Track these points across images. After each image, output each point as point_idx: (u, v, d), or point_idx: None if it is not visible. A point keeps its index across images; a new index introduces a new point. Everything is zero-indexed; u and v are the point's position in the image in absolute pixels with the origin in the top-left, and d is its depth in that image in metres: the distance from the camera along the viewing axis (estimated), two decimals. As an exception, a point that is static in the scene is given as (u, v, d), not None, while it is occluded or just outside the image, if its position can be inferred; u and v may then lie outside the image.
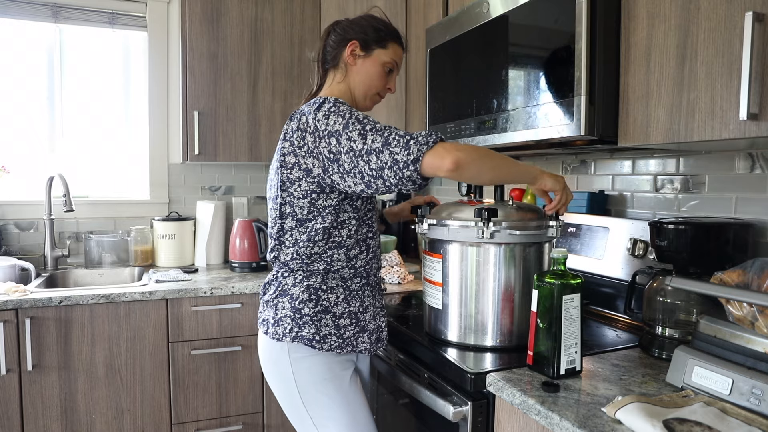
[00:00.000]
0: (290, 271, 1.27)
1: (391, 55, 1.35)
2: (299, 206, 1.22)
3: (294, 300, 1.24)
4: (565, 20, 1.19)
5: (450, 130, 1.65)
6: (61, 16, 2.41)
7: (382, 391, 1.58)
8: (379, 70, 1.34)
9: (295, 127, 1.21)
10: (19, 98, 2.41)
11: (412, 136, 1.10)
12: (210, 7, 2.25)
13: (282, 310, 1.25)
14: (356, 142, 1.11)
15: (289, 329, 1.22)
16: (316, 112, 1.18)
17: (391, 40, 1.35)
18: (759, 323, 0.95)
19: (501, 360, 1.21)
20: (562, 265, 1.10)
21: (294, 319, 1.22)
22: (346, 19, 1.38)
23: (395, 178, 1.09)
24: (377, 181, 1.11)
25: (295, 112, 1.25)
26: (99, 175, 2.56)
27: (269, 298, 1.29)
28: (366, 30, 1.33)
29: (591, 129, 1.18)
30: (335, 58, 1.35)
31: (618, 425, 0.88)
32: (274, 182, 1.26)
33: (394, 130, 1.12)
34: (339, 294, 1.26)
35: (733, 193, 1.34)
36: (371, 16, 1.37)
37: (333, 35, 1.35)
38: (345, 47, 1.32)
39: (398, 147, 1.09)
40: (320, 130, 1.15)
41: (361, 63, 1.33)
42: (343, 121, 1.14)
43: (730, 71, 0.96)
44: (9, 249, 2.35)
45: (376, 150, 1.09)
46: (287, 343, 1.23)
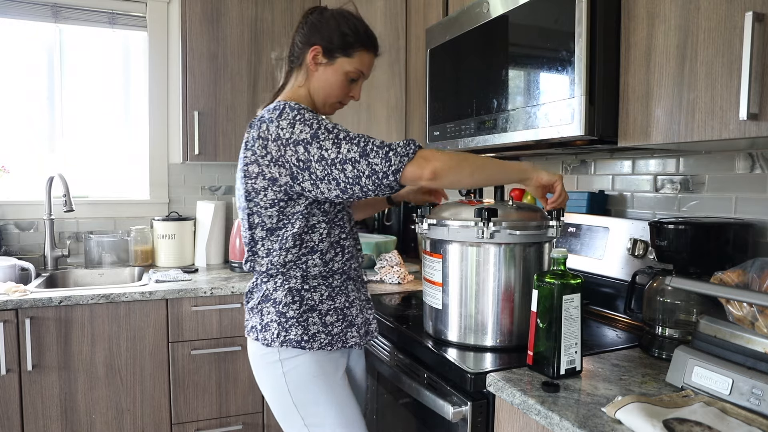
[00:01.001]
0: (270, 277, 1.25)
1: (355, 65, 1.29)
2: (267, 215, 1.20)
3: (278, 304, 1.23)
4: (565, 20, 1.19)
5: (450, 130, 1.65)
6: (61, 16, 2.41)
7: (382, 391, 1.58)
8: (341, 80, 1.29)
9: (256, 135, 1.17)
10: (19, 98, 2.41)
11: (391, 146, 1.10)
12: (210, 7, 2.25)
13: (267, 315, 1.23)
14: (329, 151, 1.10)
15: (277, 334, 1.21)
16: (278, 119, 1.15)
17: (359, 48, 1.28)
18: (759, 323, 0.95)
19: (501, 360, 1.21)
20: (562, 265, 1.10)
21: (280, 323, 1.21)
22: (318, 12, 1.30)
23: (373, 186, 1.10)
24: (354, 188, 1.11)
25: (255, 119, 1.22)
26: (99, 175, 2.56)
27: (254, 305, 1.27)
28: (332, 35, 1.26)
29: (591, 129, 1.18)
30: (299, 59, 1.30)
31: (618, 425, 0.88)
32: (240, 192, 1.24)
33: (370, 139, 1.11)
34: (323, 292, 1.25)
35: (733, 193, 1.34)
36: (344, 15, 1.29)
37: (301, 32, 1.29)
38: (308, 50, 1.27)
39: (377, 158, 1.08)
40: (284, 138, 1.13)
41: (322, 70, 1.28)
42: (310, 131, 1.12)
43: (730, 71, 0.96)
44: (9, 249, 2.35)
45: (352, 159, 1.09)
46: (277, 347, 1.22)
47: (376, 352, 1.49)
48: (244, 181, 1.20)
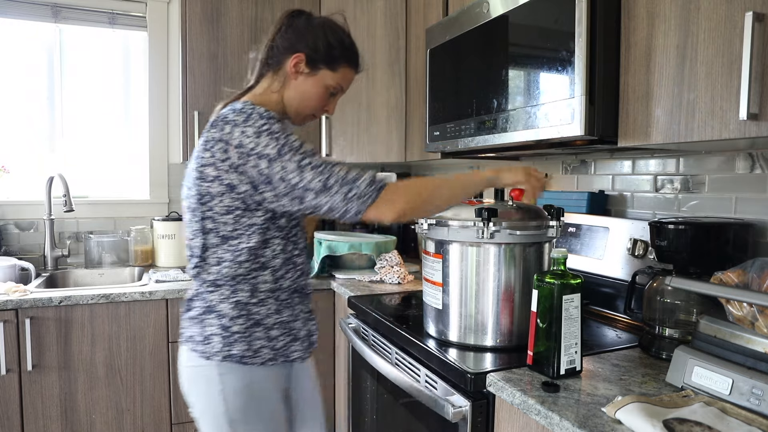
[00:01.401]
0: (216, 287, 1.17)
1: (338, 79, 1.24)
2: (222, 222, 1.13)
3: (223, 317, 1.16)
4: (565, 20, 1.19)
5: (450, 130, 1.65)
6: (61, 16, 2.41)
7: (382, 391, 1.58)
8: (320, 92, 1.23)
9: (218, 137, 1.10)
10: (19, 98, 2.41)
11: (355, 184, 1.06)
12: (210, 7, 2.25)
13: (210, 327, 1.16)
14: (292, 175, 1.06)
15: (219, 348, 1.14)
16: (244, 125, 1.08)
17: (344, 62, 1.24)
18: (759, 323, 0.95)
19: (501, 360, 1.21)
20: (562, 265, 1.10)
21: (224, 338, 1.15)
22: (306, 18, 1.24)
23: (332, 215, 1.09)
24: (315, 210, 1.10)
25: (218, 118, 1.13)
26: (99, 175, 2.56)
27: (195, 314, 1.19)
28: (317, 44, 1.20)
29: (591, 129, 1.18)
30: (278, 63, 1.22)
31: (618, 425, 0.88)
32: (192, 192, 1.15)
33: (333, 171, 1.07)
34: (270, 305, 1.19)
35: (733, 193, 1.34)
36: (330, 26, 1.24)
37: (283, 36, 1.22)
38: (289, 57, 1.20)
39: (339, 195, 1.06)
40: (248, 148, 1.07)
41: (302, 80, 1.22)
42: (276, 145, 1.06)
43: (730, 71, 0.96)
44: (9, 249, 2.35)
45: (314, 190, 1.06)
46: (217, 362, 1.15)
47: (376, 352, 1.49)
48: (198, 183, 1.13)
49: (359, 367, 1.73)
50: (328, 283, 2.13)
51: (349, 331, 1.66)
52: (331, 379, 2.22)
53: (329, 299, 2.18)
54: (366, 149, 2.32)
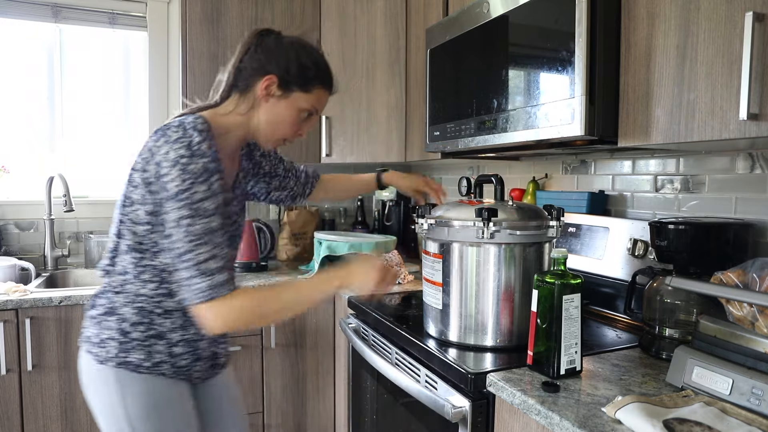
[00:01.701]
0: (123, 287, 1.12)
1: (312, 101, 1.17)
2: (134, 231, 1.09)
3: (123, 321, 1.10)
4: (565, 20, 1.19)
5: (450, 130, 1.65)
6: (62, 16, 2.41)
7: (382, 391, 1.58)
8: (293, 116, 1.16)
9: (150, 145, 1.05)
10: (19, 98, 2.41)
11: (205, 275, 0.99)
12: (210, 7, 2.25)
13: (108, 330, 1.11)
14: (169, 223, 1.01)
15: (114, 354, 1.09)
16: (172, 145, 1.01)
17: (318, 84, 1.17)
18: (759, 323, 0.95)
19: (501, 360, 1.21)
20: (562, 265, 1.10)
21: (121, 343, 1.09)
22: (275, 37, 1.17)
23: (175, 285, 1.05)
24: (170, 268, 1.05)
25: (163, 126, 1.06)
26: (99, 175, 2.56)
27: (96, 314, 1.14)
28: (290, 65, 1.13)
29: (591, 129, 1.18)
30: (247, 86, 1.14)
31: (618, 425, 0.88)
32: (121, 192, 1.11)
33: (202, 248, 1.00)
34: (176, 320, 1.13)
35: (733, 193, 1.34)
36: (303, 45, 1.17)
37: (252, 56, 1.14)
38: (260, 78, 1.12)
39: (186, 272, 1.00)
40: (162, 172, 1.01)
41: (273, 103, 1.14)
42: (179, 186, 0.99)
43: (730, 71, 0.96)
44: (9, 249, 2.36)
45: (173, 250, 1.01)
46: (111, 367, 1.10)
47: (376, 352, 1.49)
48: (126, 185, 1.09)
49: (359, 367, 1.73)
50: (328, 283, 2.13)
51: (349, 331, 1.66)
52: (331, 379, 2.22)
53: (329, 299, 2.18)
54: (366, 149, 2.32)
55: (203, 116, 1.08)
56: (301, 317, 2.14)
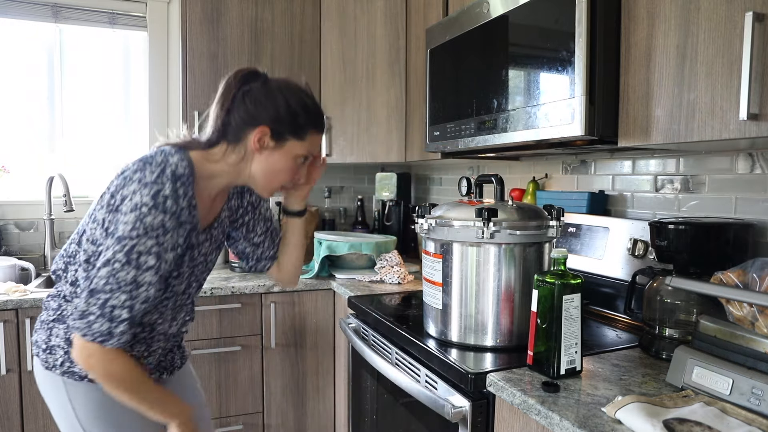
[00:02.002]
0: (74, 296, 1.12)
1: (306, 147, 1.14)
2: (86, 249, 1.07)
3: (69, 331, 1.10)
4: (565, 20, 1.19)
5: (450, 130, 1.66)
6: (62, 16, 2.41)
7: (382, 391, 1.58)
8: (290, 165, 1.13)
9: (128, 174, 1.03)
10: (20, 98, 2.41)
11: (115, 325, 0.98)
12: (210, 7, 2.25)
13: (56, 337, 1.11)
14: (103, 271, 0.98)
15: (61, 362, 1.10)
16: (143, 186, 0.99)
17: (310, 128, 1.13)
18: (759, 323, 0.95)
19: (501, 360, 1.21)
20: (562, 265, 1.10)
21: (67, 352, 1.09)
22: (262, 83, 1.11)
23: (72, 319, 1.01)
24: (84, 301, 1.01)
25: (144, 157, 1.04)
26: (99, 175, 2.56)
27: (45, 318, 1.14)
28: (281, 114, 1.09)
29: (591, 129, 1.18)
30: (237, 137, 1.10)
31: (618, 425, 0.88)
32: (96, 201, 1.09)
33: (127, 303, 0.98)
34: None
35: (733, 193, 1.34)
36: (290, 89, 1.12)
37: (240, 106, 1.09)
38: (252, 130, 1.08)
39: (94, 307, 0.97)
40: (119, 211, 1.00)
41: (267, 154, 1.11)
42: (130, 230, 0.97)
43: (730, 71, 0.96)
44: (9, 249, 2.36)
45: (95, 298, 0.98)
46: (58, 374, 1.11)
47: (376, 352, 1.49)
48: (97, 203, 1.08)
49: (359, 367, 1.73)
50: (328, 283, 2.13)
51: (349, 331, 1.66)
52: (331, 379, 2.22)
53: (329, 299, 2.18)
54: (366, 149, 2.32)
55: (190, 158, 1.06)
56: (301, 317, 2.14)
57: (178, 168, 1.02)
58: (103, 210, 1.05)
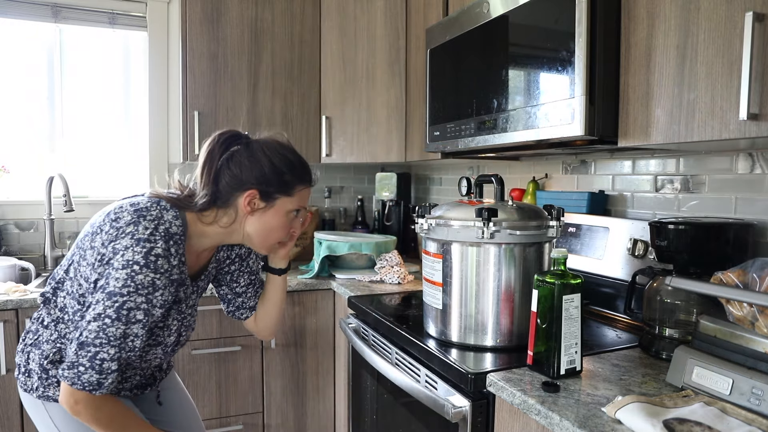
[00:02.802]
0: (53, 322, 1.13)
1: (296, 202, 1.17)
2: (78, 283, 1.08)
3: (43, 358, 1.11)
4: (565, 20, 1.19)
5: (450, 130, 1.66)
6: (61, 16, 2.41)
7: (382, 391, 1.58)
8: (283, 221, 1.17)
9: (122, 226, 1.03)
10: (20, 98, 2.41)
11: (104, 377, 0.99)
12: (210, 7, 2.25)
13: (33, 362, 1.12)
14: (93, 325, 0.99)
15: (36, 386, 1.12)
16: (136, 243, 1.00)
17: (298, 184, 1.16)
18: (759, 323, 0.95)
19: (501, 360, 1.21)
20: (562, 265, 1.10)
21: (41, 378, 1.12)
22: (244, 146, 1.14)
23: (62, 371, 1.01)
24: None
25: (144, 210, 1.05)
26: (99, 175, 2.56)
27: (26, 342, 1.15)
28: (266, 174, 1.11)
29: (591, 129, 1.18)
30: (227, 202, 1.12)
31: (618, 425, 0.88)
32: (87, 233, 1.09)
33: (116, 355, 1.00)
34: None
35: (733, 193, 1.34)
36: (273, 148, 1.14)
37: (227, 172, 1.11)
38: (240, 194, 1.11)
39: (87, 370, 0.99)
40: (110, 265, 1.00)
41: (259, 215, 1.14)
42: (120, 290, 0.98)
43: (730, 71, 0.96)
44: (9, 249, 2.36)
45: (85, 350, 0.99)
46: (36, 398, 1.13)
47: (376, 352, 1.49)
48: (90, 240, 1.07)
49: (359, 367, 1.73)
50: (328, 283, 2.13)
51: (349, 331, 1.66)
52: (331, 379, 2.22)
53: (329, 299, 2.18)
54: (366, 149, 2.32)
55: (185, 217, 1.10)
56: (301, 317, 2.14)
57: (171, 227, 1.05)
58: (95, 253, 1.05)
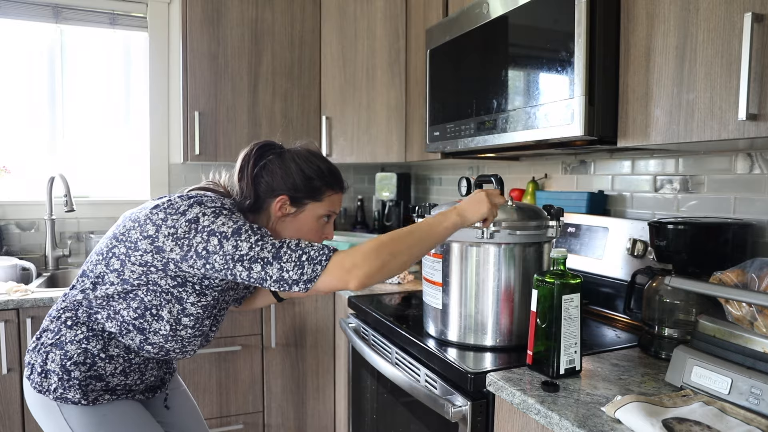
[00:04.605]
0: (75, 322, 1.14)
1: (326, 207, 1.22)
2: (131, 270, 1.10)
3: (66, 359, 1.11)
4: (565, 21, 1.19)
5: (450, 130, 1.66)
6: (62, 17, 2.42)
7: (382, 391, 1.58)
8: (314, 226, 1.23)
9: (183, 209, 1.08)
10: (21, 98, 2.41)
11: (304, 250, 1.04)
12: (210, 7, 2.25)
13: (52, 362, 1.12)
14: (240, 249, 1.03)
15: (55, 388, 1.11)
16: (206, 207, 1.08)
17: (327, 190, 1.22)
18: (758, 323, 0.96)
19: (501, 360, 1.21)
20: (561, 265, 1.11)
21: (61, 379, 1.11)
22: (277, 156, 1.21)
23: (277, 286, 1.04)
24: (254, 283, 1.06)
25: (194, 194, 1.14)
26: (100, 175, 2.56)
27: (45, 342, 1.14)
28: (296, 181, 1.19)
29: (590, 129, 1.18)
30: (260, 207, 1.20)
31: (617, 425, 0.88)
32: (126, 226, 1.13)
33: (287, 242, 1.05)
34: (118, 365, 1.15)
35: (732, 193, 1.35)
36: (303, 157, 1.21)
37: (259, 181, 1.19)
38: (272, 200, 1.19)
39: (290, 263, 1.02)
40: (201, 225, 1.05)
41: (291, 219, 1.21)
42: (234, 225, 1.05)
43: (729, 72, 0.96)
44: (10, 249, 2.36)
45: (264, 259, 1.03)
46: (51, 399, 1.12)
47: (376, 352, 1.49)
48: (134, 227, 1.11)
49: (359, 367, 1.74)
50: (329, 283, 2.14)
51: (349, 330, 1.67)
52: (331, 379, 2.22)
53: (329, 299, 2.19)
54: (366, 149, 2.33)
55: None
56: (301, 317, 2.14)
57: (233, 206, 1.14)
58: (146, 242, 1.08)
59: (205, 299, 1.16)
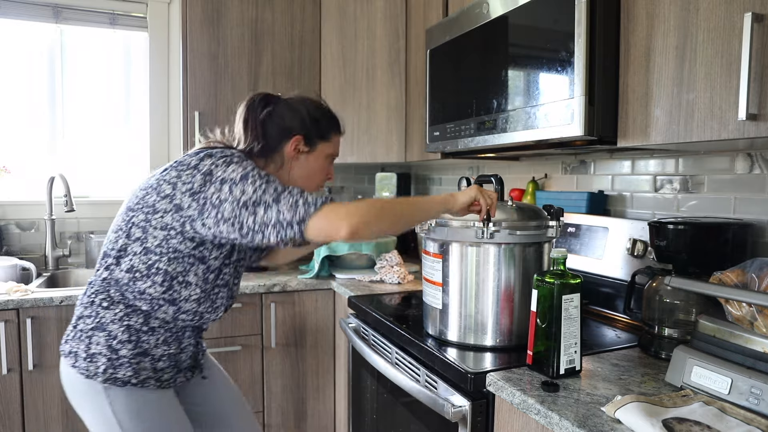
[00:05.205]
0: (111, 302, 1.16)
1: (333, 147, 1.33)
2: (153, 235, 1.13)
3: (112, 339, 1.14)
4: (565, 21, 1.19)
5: (450, 130, 1.66)
6: (62, 17, 2.42)
7: (382, 391, 1.58)
8: (323, 164, 1.32)
9: (193, 164, 1.13)
10: (20, 98, 2.41)
11: (302, 195, 1.08)
12: (210, 7, 2.25)
13: (97, 345, 1.14)
14: (246, 193, 1.07)
15: (104, 369, 1.13)
16: (218, 159, 1.12)
17: (333, 130, 1.33)
18: (758, 323, 0.96)
19: (501, 360, 1.21)
20: (561, 265, 1.11)
21: (110, 360, 1.13)
22: (284, 101, 1.29)
23: (276, 236, 1.06)
24: (256, 235, 1.07)
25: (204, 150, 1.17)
26: (100, 175, 2.56)
27: (84, 328, 1.16)
28: (305, 122, 1.27)
29: (590, 129, 1.18)
30: (273, 149, 1.26)
31: (617, 424, 0.88)
32: (136, 200, 1.16)
33: (289, 188, 1.09)
34: (159, 336, 1.19)
35: (732, 193, 1.35)
36: (309, 101, 1.31)
37: (271, 124, 1.26)
38: (287, 141, 1.26)
39: (286, 206, 1.06)
40: (215, 175, 1.10)
41: (303, 158, 1.29)
42: (243, 171, 1.10)
43: (729, 72, 0.96)
44: (10, 249, 2.36)
45: (266, 203, 1.06)
46: (99, 382, 1.14)
47: (376, 352, 1.49)
48: (148, 192, 1.15)
49: (359, 367, 1.74)
50: (328, 283, 2.14)
51: (349, 330, 1.67)
52: (331, 379, 2.22)
53: (329, 299, 2.19)
54: (366, 149, 2.33)
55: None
56: (301, 317, 2.14)
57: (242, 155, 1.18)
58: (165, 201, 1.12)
59: (225, 248, 1.20)
